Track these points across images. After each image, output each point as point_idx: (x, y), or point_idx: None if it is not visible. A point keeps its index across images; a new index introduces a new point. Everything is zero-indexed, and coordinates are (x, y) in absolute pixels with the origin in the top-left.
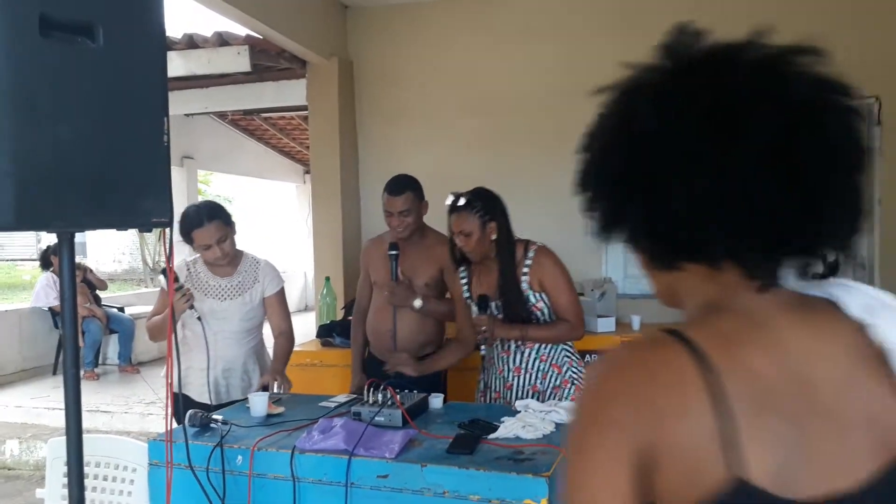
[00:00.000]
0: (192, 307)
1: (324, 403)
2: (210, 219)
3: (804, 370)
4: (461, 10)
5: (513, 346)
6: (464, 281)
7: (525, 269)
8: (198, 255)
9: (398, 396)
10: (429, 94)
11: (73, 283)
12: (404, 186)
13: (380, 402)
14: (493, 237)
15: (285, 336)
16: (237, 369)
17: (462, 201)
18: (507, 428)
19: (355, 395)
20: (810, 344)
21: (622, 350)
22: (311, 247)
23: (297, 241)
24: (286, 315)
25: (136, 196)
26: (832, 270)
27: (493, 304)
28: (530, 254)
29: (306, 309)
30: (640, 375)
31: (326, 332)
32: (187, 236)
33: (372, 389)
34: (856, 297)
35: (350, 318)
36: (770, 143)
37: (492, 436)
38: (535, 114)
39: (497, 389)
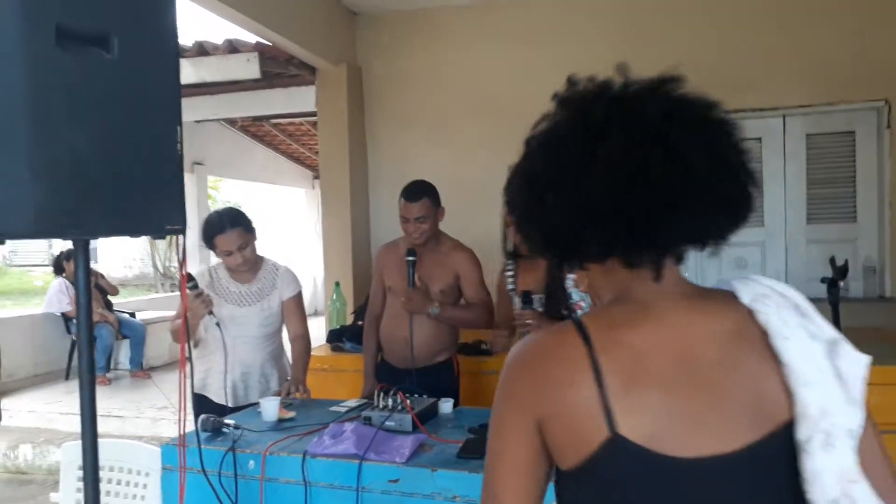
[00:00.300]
0: (211, 313)
1: (334, 408)
2: (232, 226)
3: (687, 349)
4: (467, 16)
5: None
6: (510, 274)
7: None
8: (220, 260)
9: (408, 401)
10: (436, 98)
11: (89, 290)
12: (421, 192)
13: (390, 407)
14: None
15: (301, 340)
16: (255, 373)
17: None
18: None
19: (366, 400)
20: (697, 326)
21: (531, 336)
22: (320, 252)
23: (307, 246)
24: (303, 319)
25: (150, 203)
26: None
27: (536, 299)
28: None
29: (316, 313)
30: (540, 355)
31: (337, 338)
32: (210, 242)
33: (382, 394)
34: (751, 287)
35: (360, 322)
36: (619, 163)
37: None
38: (538, 115)
39: None
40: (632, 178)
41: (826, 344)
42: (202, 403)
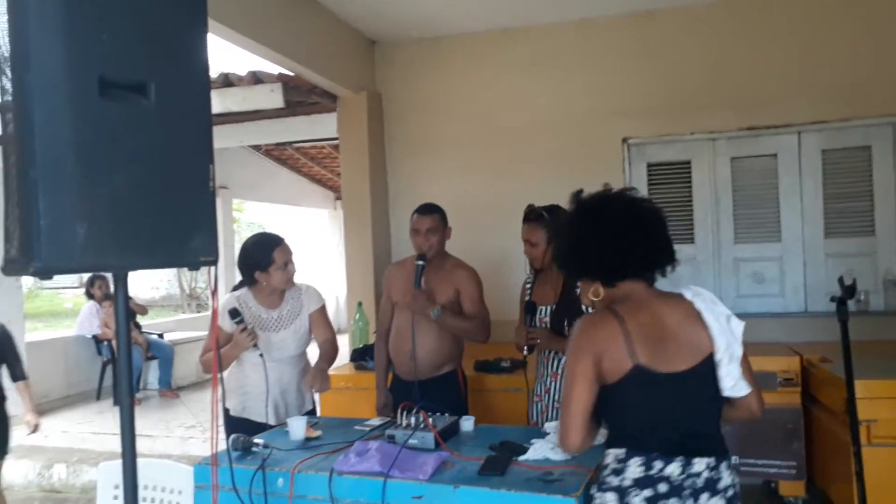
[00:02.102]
0: (255, 346)
1: (359, 427)
2: (283, 239)
3: (663, 321)
4: (483, 43)
5: (551, 353)
6: (528, 286)
7: (578, 283)
8: (242, 291)
9: (430, 419)
10: (454, 123)
11: (127, 319)
12: (433, 209)
13: (413, 426)
14: None
15: (330, 343)
16: (293, 390)
17: (535, 214)
18: (537, 450)
19: (389, 419)
20: (666, 311)
21: (587, 316)
22: (342, 271)
23: (329, 265)
24: (330, 327)
25: (185, 237)
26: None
27: (540, 310)
28: None
29: (339, 332)
30: (595, 324)
31: (360, 356)
32: (268, 257)
33: (405, 413)
34: (690, 291)
35: None
36: (615, 229)
37: (522, 457)
38: (552, 136)
39: (539, 393)
40: (630, 239)
41: (724, 317)
42: (243, 425)
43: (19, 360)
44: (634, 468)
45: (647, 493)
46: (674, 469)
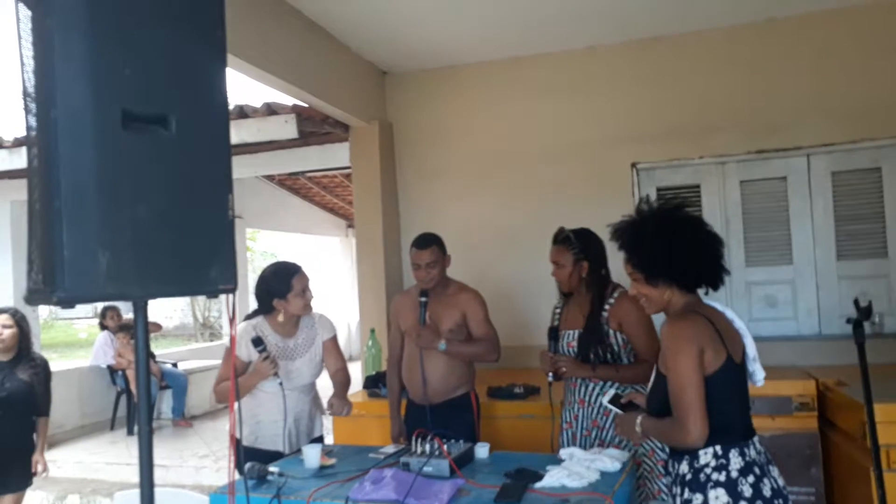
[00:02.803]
0: (276, 374)
1: (373, 455)
2: (300, 267)
3: (723, 322)
4: (492, 71)
5: (578, 380)
6: (558, 311)
7: (606, 307)
8: (258, 319)
9: (445, 446)
10: (464, 151)
11: (147, 347)
12: (430, 241)
13: (427, 453)
14: (583, 275)
15: (342, 371)
16: (304, 419)
17: (563, 236)
18: (553, 476)
19: (403, 446)
20: (718, 315)
21: (676, 319)
22: (354, 298)
23: (342, 292)
24: (341, 356)
25: (204, 266)
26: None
27: (567, 334)
28: (614, 295)
29: (351, 359)
30: (694, 323)
31: (373, 384)
32: (287, 284)
33: (419, 440)
34: (719, 303)
35: None
36: (711, 242)
37: (538, 484)
38: (562, 163)
39: (568, 420)
40: (703, 254)
41: (744, 328)
42: (255, 455)
43: (48, 397)
44: (736, 459)
45: (751, 479)
46: (753, 451)
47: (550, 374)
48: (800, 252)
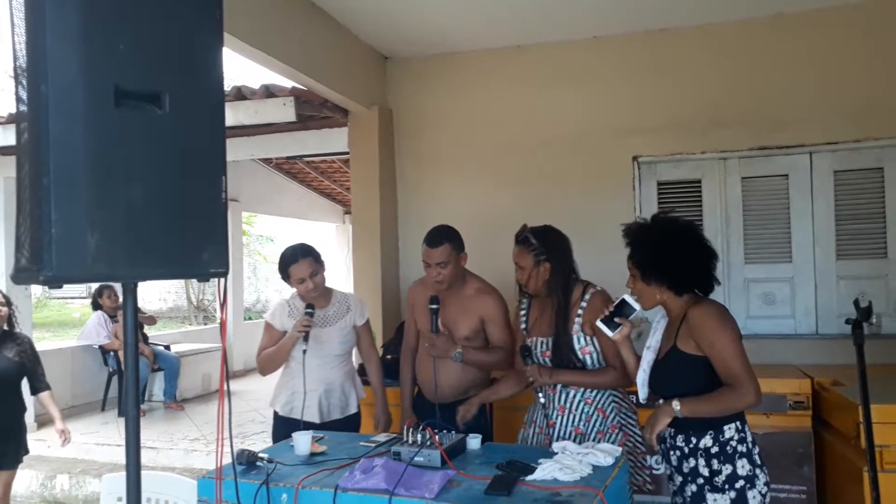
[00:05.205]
0: (306, 338)
1: (364, 443)
2: (303, 256)
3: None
4: (493, 59)
5: (559, 386)
6: (523, 313)
7: (579, 311)
8: (294, 291)
9: (437, 437)
10: (464, 138)
11: (136, 330)
12: (442, 238)
13: (419, 443)
14: (546, 277)
15: (376, 366)
16: (336, 390)
17: (522, 236)
18: (545, 470)
19: (395, 435)
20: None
21: (713, 306)
22: (349, 285)
23: (337, 278)
24: (373, 342)
25: (196, 248)
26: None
27: (541, 342)
28: (586, 296)
29: None
30: (720, 305)
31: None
32: (285, 272)
33: (412, 429)
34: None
35: (389, 357)
36: (708, 252)
37: (529, 477)
38: (563, 154)
39: (540, 424)
40: (703, 259)
41: None
42: (290, 425)
43: (42, 373)
44: (749, 433)
45: (756, 449)
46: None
47: (538, 392)
48: (799, 250)
